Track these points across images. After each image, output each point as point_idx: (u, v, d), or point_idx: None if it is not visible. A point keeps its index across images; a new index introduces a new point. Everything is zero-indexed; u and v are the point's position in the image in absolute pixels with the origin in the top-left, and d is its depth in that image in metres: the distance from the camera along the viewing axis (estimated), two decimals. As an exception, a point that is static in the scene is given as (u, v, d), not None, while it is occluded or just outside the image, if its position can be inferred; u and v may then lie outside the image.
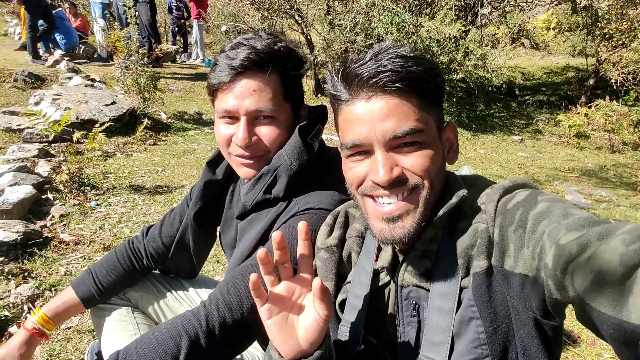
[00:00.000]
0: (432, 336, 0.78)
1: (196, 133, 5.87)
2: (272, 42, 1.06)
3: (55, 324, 1.35)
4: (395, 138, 0.76)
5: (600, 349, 2.14)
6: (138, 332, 1.35)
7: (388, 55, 0.77)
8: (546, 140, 7.89)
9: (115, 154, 4.55)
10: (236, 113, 1.06)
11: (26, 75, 6.59)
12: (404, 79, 0.75)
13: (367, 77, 0.76)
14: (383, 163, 0.77)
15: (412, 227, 0.78)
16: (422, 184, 0.78)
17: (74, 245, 2.70)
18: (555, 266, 0.59)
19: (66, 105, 5.08)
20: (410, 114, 0.76)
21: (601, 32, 8.16)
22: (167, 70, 8.88)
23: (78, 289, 1.37)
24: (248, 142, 1.07)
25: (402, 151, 0.78)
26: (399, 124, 0.75)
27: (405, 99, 0.76)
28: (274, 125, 1.08)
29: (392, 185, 0.77)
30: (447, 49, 7.00)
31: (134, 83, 5.58)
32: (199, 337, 0.94)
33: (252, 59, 1.02)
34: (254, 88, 1.03)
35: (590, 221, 0.61)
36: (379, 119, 0.76)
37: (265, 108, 1.05)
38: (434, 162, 0.78)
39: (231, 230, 1.29)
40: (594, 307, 0.54)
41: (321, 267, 0.96)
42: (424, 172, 0.77)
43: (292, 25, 8.08)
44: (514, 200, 0.74)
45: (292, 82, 1.10)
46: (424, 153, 0.77)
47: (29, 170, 3.52)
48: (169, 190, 3.81)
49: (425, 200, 0.78)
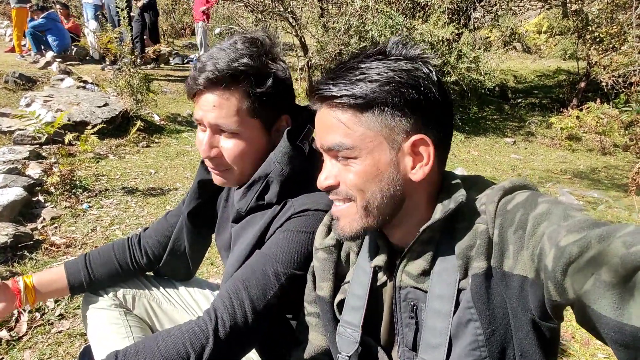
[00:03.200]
0: (430, 338, 0.77)
1: (189, 135, 5.84)
2: (236, 57, 1.01)
3: (35, 298, 1.32)
4: (327, 150, 0.81)
5: (594, 349, 2.15)
6: (131, 335, 1.33)
7: (350, 65, 0.78)
8: (538, 143, 7.94)
9: (108, 156, 4.51)
10: (203, 123, 1.07)
11: (17, 76, 6.52)
12: (346, 96, 0.75)
13: (317, 88, 0.81)
14: (324, 170, 0.83)
15: (352, 231, 0.82)
16: (355, 197, 0.79)
17: (65, 248, 2.66)
18: (555, 268, 0.59)
19: (58, 107, 5.03)
20: (341, 128, 0.76)
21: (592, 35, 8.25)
22: (160, 73, 8.83)
23: (69, 271, 1.36)
24: (208, 155, 1.08)
25: (342, 162, 0.80)
26: (327, 137, 0.79)
27: (342, 112, 0.77)
28: (236, 140, 1.07)
29: (329, 191, 0.83)
30: (441, 52, 7.03)
31: (127, 85, 5.53)
32: (205, 352, 0.94)
33: (210, 78, 1.01)
34: (214, 104, 1.03)
35: (591, 223, 0.60)
36: (319, 130, 0.82)
37: (224, 124, 1.04)
38: (367, 179, 0.77)
39: (226, 233, 1.28)
40: (595, 310, 0.54)
41: (319, 268, 0.95)
42: (354, 187, 0.78)
43: (286, 28, 8.08)
44: (514, 201, 0.73)
45: (260, 97, 1.05)
46: (354, 169, 0.77)
47: (20, 172, 3.47)
48: (162, 192, 3.78)
49: (362, 212, 0.80)
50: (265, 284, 0.99)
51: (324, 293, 0.94)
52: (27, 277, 1.32)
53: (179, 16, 13.27)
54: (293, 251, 1.02)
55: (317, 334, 1.01)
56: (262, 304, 0.99)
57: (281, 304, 1.02)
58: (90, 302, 1.39)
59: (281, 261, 1.01)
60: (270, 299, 0.99)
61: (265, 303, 0.99)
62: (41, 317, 2.01)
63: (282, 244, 1.03)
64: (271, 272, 1.00)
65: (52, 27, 8.34)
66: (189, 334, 0.96)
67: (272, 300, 0.99)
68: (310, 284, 0.99)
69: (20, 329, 1.91)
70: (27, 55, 8.57)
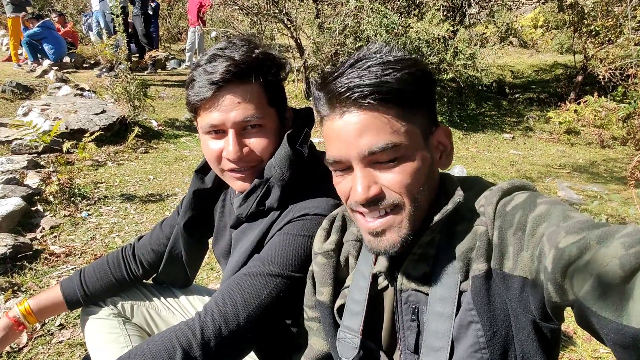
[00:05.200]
0: (432, 341, 0.77)
1: (188, 140, 5.84)
2: (248, 50, 1.02)
3: (37, 319, 1.34)
4: (371, 154, 0.74)
5: (596, 344, 2.14)
6: (130, 344, 1.32)
7: (365, 64, 0.74)
8: (537, 138, 7.94)
9: (106, 163, 4.51)
10: (223, 126, 1.03)
11: (14, 86, 6.54)
12: (377, 92, 0.72)
13: (339, 93, 0.74)
14: (361, 181, 0.75)
15: (398, 240, 0.77)
16: (402, 201, 0.76)
17: (65, 257, 2.66)
18: (554, 269, 0.59)
19: (55, 115, 5.03)
20: (386, 127, 0.73)
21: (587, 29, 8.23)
22: (157, 78, 8.84)
23: (65, 289, 1.36)
24: (240, 155, 1.04)
25: (382, 167, 0.76)
26: (375, 140, 0.73)
27: (382, 112, 0.73)
28: (262, 133, 1.06)
29: (370, 203, 0.76)
30: (437, 50, 7.03)
31: (124, 91, 5.54)
32: (194, 349, 0.92)
33: (232, 71, 0.98)
34: (238, 100, 1.00)
35: (590, 224, 0.60)
36: (354, 136, 0.74)
37: (252, 117, 1.02)
38: (416, 177, 0.76)
39: (224, 240, 1.27)
40: (594, 311, 0.54)
41: (319, 273, 0.95)
42: (404, 188, 0.75)
43: (282, 30, 8.08)
44: (512, 202, 0.73)
45: (275, 87, 1.08)
46: (403, 168, 0.75)
47: (18, 182, 3.48)
48: (161, 198, 3.78)
49: (409, 216, 0.77)
50: (259, 284, 0.99)
51: (323, 298, 0.93)
52: (21, 303, 1.34)
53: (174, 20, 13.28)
54: (289, 253, 1.01)
55: (318, 339, 1.00)
56: (255, 303, 0.97)
57: (279, 308, 1.02)
58: (89, 313, 1.39)
59: (277, 263, 1.00)
60: (263, 300, 0.98)
61: (258, 303, 0.97)
62: (41, 327, 2.01)
63: (278, 247, 1.02)
64: (266, 273, 0.99)
65: (47, 36, 8.35)
66: (176, 330, 0.95)
67: (265, 300, 0.98)
68: (310, 288, 0.99)
69: (21, 340, 1.91)
70: (23, 64, 8.60)
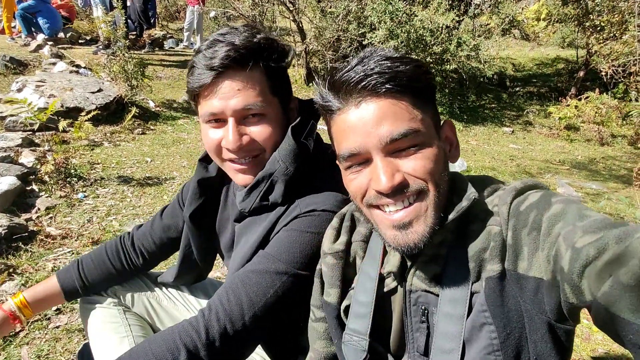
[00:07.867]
0: (442, 343, 0.75)
1: (186, 122, 5.76)
2: (250, 35, 0.98)
3: (33, 311, 1.31)
4: (393, 141, 0.73)
5: (594, 344, 2.15)
6: (130, 333, 1.30)
7: (374, 58, 0.75)
8: (537, 132, 7.93)
9: (103, 144, 4.43)
10: (222, 115, 0.99)
11: (7, 60, 6.36)
12: (392, 79, 0.72)
13: (355, 82, 0.73)
14: (384, 169, 0.73)
15: (426, 231, 0.75)
16: (427, 187, 0.75)
17: (61, 240, 2.61)
18: (571, 270, 0.58)
19: (50, 92, 4.92)
20: (405, 114, 0.73)
21: (592, 24, 8.17)
22: (154, 57, 8.67)
23: (62, 279, 1.32)
24: (240, 144, 1.00)
25: (402, 155, 0.74)
26: (394, 126, 0.72)
27: (398, 100, 0.73)
28: (264, 122, 1.02)
29: (396, 192, 0.74)
30: (441, 39, 6.94)
31: (121, 70, 5.43)
32: (198, 349, 0.89)
33: (232, 57, 0.94)
34: (238, 87, 0.97)
35: (607, 223, 0.59)
36: (373, 124, 0.73)
37: (253, 104, 0.98)
38: (437, 163, 0.75)
39: (227, 232, 1.24)
40: (613, 312, 0.53)
41: (327, 273, 0.92)
42: (427, 174, 0.74)
43: (284, 12, 7.92)
44: (526, 202, 0.72)
45: (278, 75, 1.04)
46: (424, 154, 0.74)
47: (13, 161, 3.40)
48: (158, 181, 3.72)
49: (434, 203, 0.75)
50: (265, 282, 0.96)
51: (331, 299, 0.91)
52: (16, 296, 1.30)
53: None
54: (296, 251, 0.98)
55: (325, 341, 0.98)
56: (261, 302, 0.94)
57: (285, 306, 0.99)
58: (88, 301, 1.36)
59: (284, 260, 0.97)
60: (269, 298, 0.95)
61: (264, 302, 0.95)
62: (38, 311, 1.97)
63: (285, 243, 0.99)
64: (272, 271, 0.96)
65: (42, 9, 8.10)
66: (179, 330, 0.92)
67: (271, 299, 0.95)
68: (318, 287, 0.96)
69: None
70: (17, 38, 8.35)
